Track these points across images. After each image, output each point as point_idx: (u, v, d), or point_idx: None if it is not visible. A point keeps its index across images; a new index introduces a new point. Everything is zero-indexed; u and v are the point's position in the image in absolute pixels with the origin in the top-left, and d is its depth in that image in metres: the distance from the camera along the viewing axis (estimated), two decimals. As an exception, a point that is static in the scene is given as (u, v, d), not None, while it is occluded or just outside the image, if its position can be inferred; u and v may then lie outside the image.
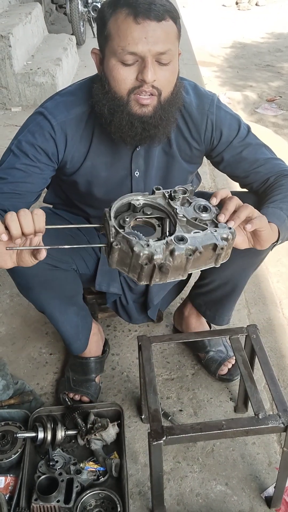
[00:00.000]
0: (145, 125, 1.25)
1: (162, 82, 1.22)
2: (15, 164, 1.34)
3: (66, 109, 1.35)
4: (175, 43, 1.23)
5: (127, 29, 1.16)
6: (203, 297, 1.76)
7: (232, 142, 1.43)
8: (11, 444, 1.51)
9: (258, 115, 4.93)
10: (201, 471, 1.53)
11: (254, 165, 1.46)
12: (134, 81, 1.21)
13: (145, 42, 1.16)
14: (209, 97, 1.42)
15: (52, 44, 4.91)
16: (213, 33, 7.68)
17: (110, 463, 1.49)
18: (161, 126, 1.27)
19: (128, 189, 1.47)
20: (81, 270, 1.57)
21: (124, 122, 1.25)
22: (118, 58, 1.19)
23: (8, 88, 4.16)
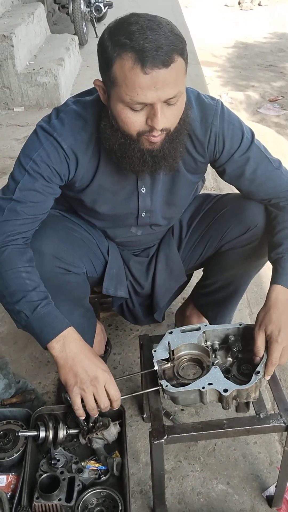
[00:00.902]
0: (155, 158, 1.24)
1: (171, 121, 1.20)
2: (33, 186, 1.32)
3: (74, 133, 1.32)
4: (183, 79, 1.18)
5: (135, 79, 1.10)
6: (205, 298, 1.76)
7: (234, 155, 1.39)
8: (13, 443, 1.52)
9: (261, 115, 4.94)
10: (202, 470, 1.53)
11: (255, 182, 1.44)
12: (143, 125, 1.18)
13: (154, 91, 1.11)
14: (212, 107, 1.36)
15: (54, 44, 4.92)
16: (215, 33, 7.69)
17: (111, 462, 1.49)
18: (170, 156, 1.26)
19: (135, 205, 1.47)
20: (89, 274, 1.57)
21: (135, 158, 1.24)
22: (126, 104, 1.16)
23: (10, 88, 4.17)
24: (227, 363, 1.29)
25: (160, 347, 1.31)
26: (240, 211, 1.51)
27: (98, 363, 1.29)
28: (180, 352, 1.32)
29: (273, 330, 1.25)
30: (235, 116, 1.42)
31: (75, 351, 1.26)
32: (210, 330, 1.34)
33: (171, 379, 1.24)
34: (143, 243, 1.67)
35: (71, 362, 1.25)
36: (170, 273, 1.67)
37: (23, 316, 1.27)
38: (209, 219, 1.60)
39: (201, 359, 1.31)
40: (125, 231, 1.58)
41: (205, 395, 1.20)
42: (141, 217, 1.51)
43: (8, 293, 1.28)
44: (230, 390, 1.18)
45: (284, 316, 1.26)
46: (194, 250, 1.65)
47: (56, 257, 1.41)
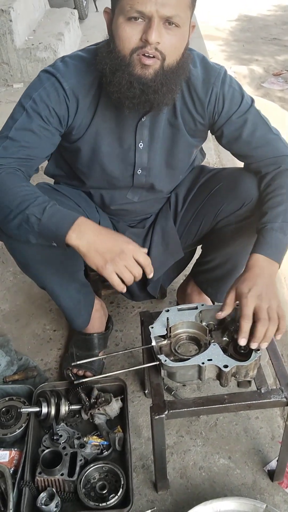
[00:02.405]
0: (145, 87, 1.22)
1: (167, 47, 1.20)
2: (29, 125, 1.32)
3: (77, 75, 1.33)
4: (187, 11, 1.20)
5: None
6: (205, 275, 1.75)
7: (232, 116, 1.40)
8: (15, 419, 1.53)
9: (265, 89, 4.85)
10: (204, 445, 1.54)
11: (251, 145, 1.42)
12: (138, 41, 1.18)
13: (153, 3, 1.14)
14: (216, 70, 1.38)
15: (54, 18, 4.81)
16: (218, 6, 7.52)
17: (113, 437, 1.50)
18: (161, 92, 1.24)
19: (132, 160, 1.45)
20: None
21: (124, 82, 1.22)
22: (125, 16, 1.17)
23: (9, 64, 4.09)
24: (223, 342, 1.28)
25: (157, 324, 1.30)
26: (235, 186, 1.48)
27: (119, 237, 1.29)
28: (177, 330, 1.31)
29: (243, 288, 1.21)
30: (237, 82, 1.43)
31: (93, 234, 1.24)
32: (206, 311, 1.33)
33: (168, 356, 1.23)
34: (139, 212, 1.65)
35: (93, 246, 1.23)
36: (166, 246, 1.65)
37: (34, 221, 1.24)
38: (204, 194, 1.58)
39: (198, 337, 1.30)
40: (121, 196, 1.55)
41: (204, 371, 1.20)
42: (137, 175, 1.49)
43: (15, 205, 1.26)
44: (231, 366, 1.18)
45: (261, 278, 1.22)
46: (190, 226, 1.63)
47: None
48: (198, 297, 1.83)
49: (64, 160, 1.55)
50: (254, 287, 1.20)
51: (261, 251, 1.27)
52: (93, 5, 6.32)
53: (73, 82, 1.33)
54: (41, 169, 1.54)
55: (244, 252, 1.59)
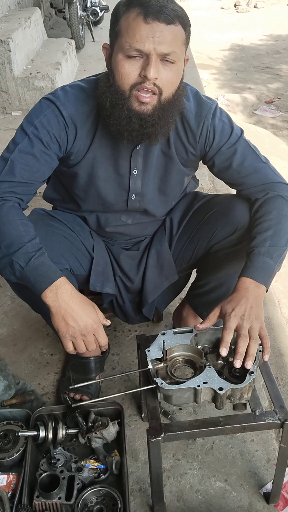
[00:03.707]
0: (143, 122, 1.30)
1: (164, 82, 1.27)
2: (31, 150, 1.39)
3: (76, 104, 1.40)
4: (182, 47, 1.28)
5: (136, 27, 1.21)
6: (200, 298, 1.78)
7: (222, 147, 1.47)
8: (13, 443, 1.53)
9: (257, 116, 4.97)
10: (200, 468, 1.55)
11: (241, 173, 1.49)
12: (137, 77, 1.26)
13: (151, 41, 1.21)
14: (208, 104, 1.46)
15: (51, 48, 4.94)
16: (212, 36, 7.72)
17: (110, 460, 1.51)
18: (158, 125, 1.32)
19: (126, 186, 1.51)
20: (76, 271, 1.59)
21: (123, 116, 1.30)
22: (124, 54, 1.24)
23: (8, 93, 4.19)
24: (218, 365, 1.31)
25: (153, 347, 1.33)
26: (227, 212, 1.54)
27: (89, 312, 1.33)
28: (173, 353, 1.33)
29: (227, 308, 1.27)
30: (227, 115, 1.51)
31: (66, 300, 1.29)
32: (202, 334, 1.36)
33: (164, 379, 1.25)
34: (133, 234, 1.70)
35: (63, 311, 1.29)
36: (160, 269, 1.69)
37: (17, 267, 1.29)
38: (198, 219, 1.63)
39: (194, 360, 1.33)
40: (115, 218, 1.61)
41: (200, 394, 1.22)
42: (131, 200, 1.54)
43: (4, 245, 1.31)
44: (226, 389, 1.20)
45: (245, 299, 1.27)
46: (185, 250, 1.68)
47: None
48: (193, 320, 1.86)
49: (61, 184, 1.61)
50: (238, 307, 1.26)
51: (248, 274, 1.32)
52: (89, 35, 6.49)
53: (72, 110, 1.40)
54: (39, 194, 1.58)
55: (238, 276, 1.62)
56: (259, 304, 1.29)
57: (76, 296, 1.32)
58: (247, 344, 1.22)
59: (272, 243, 1.35)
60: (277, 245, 1.36)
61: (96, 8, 6.46)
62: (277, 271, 1.37)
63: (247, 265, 1.34)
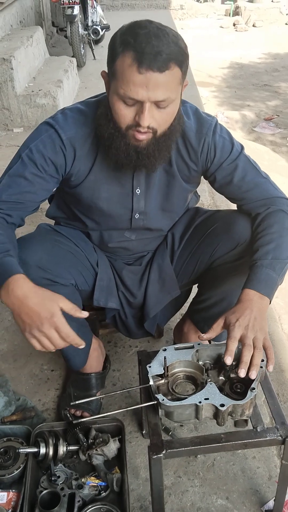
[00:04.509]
0: (139, 155, 1.33)
1: (159, 122, 1.29)
2: (22, 172, 1.41)
3: (75, 126, 1.42)
4: (177, 88, 1.28)
5: (130, 76, 1.21)
6: (201, 314, 1.78)
7: (223, 163, 1.49)
8: (13, 460, 1.53)
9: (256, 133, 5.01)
10: (202, 486, 1.54)
11: (242, 189, 1.50)
12: (132, 119, 1.28)
13: (145, 90, 1.21)
14: (208, 121, 1.47)
15: (53, 66, 5.01)
16: (211, 54, 7.82)
17: (111, 477, 1.50)
18: (154, 157, 1.35)
19: (129, 206, 1.53)
20: (81, 286, 1.60)
21: (121, 150, 1.34)
22: (119, 97, 1.26)
23: (10, 110, 4.24)
24: (220, 382, 1.31)
25: (154, 363, 1.33)
26: (229, 227, 1.55)
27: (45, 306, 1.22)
28: (174, 369, 1.33)
29: (231, 318, 1.27)
30: (227, 131, 1.52)
31: (20, 296, 1.23)
32: (203, 350, 1.36)
33: (165, 395, 1.25)
34: (136, 250, 1.71)
35: (17, 308, 1.23)
36: (162, 284, 1.70)
37: None
38: (200, 234, 1.65)
39: (195, 377, 1.33)
40: (119, 234, 1.63)
41: (201, 410, 1.22)
42: (134, 219, 1.56)
43: None
44: (227, 405, 1.20)
45: (249, 310, 1.27)
46: (187, 265, 1.69)
47: (41, 267, 1.45)
48: (194, 335, 1.86)
49: (65, 203, 1.62)
50: (242, 317, 1.26)
51: (251, 286, 1.33)
52: (91, 53, 6.57)
53: (70, 133, 1.42)
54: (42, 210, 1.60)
55: (240, 291, 1.63)
56: (263, 315, 1.29)
57: (30, 291, 1.24)
58: (251, 353, 1.22)
59: (275, 256, 1.37)
60: (279, 257, 1.37)
61: (97, 27, 6.56)
62: (280, 283, 1.39)
63: (250, 277, 1.35)
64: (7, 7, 5.10)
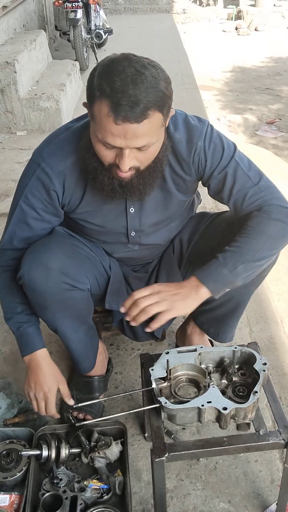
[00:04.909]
0: (124, 188, 1.34)
1: (140, 161, 1.28)
2: (25, 219, 1.48)
3: (63, 158, 1.41)
4: (158, 131, 1.25)
5: (107, 125, 1.18)
6: (206, 315, 1.78)
7: (214, 172, 1.46)
8: (15, 462, 1.53)
9: (258, 137, 5.02)
10: (204, 489, 1.54)
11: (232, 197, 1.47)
12: (113, 159, 1.26)
13: (123, 139, 1.19)
14: (198, 129, 1.42)
15: (56, 69, 5.02)
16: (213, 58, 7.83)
17: (113, 480, 1.50)
18: (139, 190, 1.35)
19: (124, 224, 1.54)
20: (93, 291, 1.61)
21: (105, 184, 1.34)
22: (99, 140, 1.24)
23: (13, 113, 4.25)
24: (222, 385, 1.31)
25: (157, 366, 1.33)
26: (237, 227, 1.54)
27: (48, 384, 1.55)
28: (177, 372, 1.34)
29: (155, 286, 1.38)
30: (218, 135, 1.46)
31: (35, 369, 1.56)
32: (205, 353, 1.36)
33: (168, 398, 1.26)
34: (141, 258, 1.72)
35: (30, 372, 1.57)
36: None
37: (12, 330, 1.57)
38: (207, 237, 1.65)
39: (198, 380, 1.33)
40: (122, 246, 1.63)
41: (204, 414, 1.22)
42: (131, 236, 1.57)
43: (5, 308, 1.57)
44: (229, 409, 1.20)
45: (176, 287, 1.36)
46: (194, 268, 1.68)
47: (63, 272, 1.46)
48: (198, 337, 1.86)
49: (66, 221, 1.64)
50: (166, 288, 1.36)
51: (197, 273, 1.38)
52: (93, 57, 6.59)
53: (58, 167, 1.41)
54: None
55: (247, 290, 1.63)
56: (186, 300, 1.35)
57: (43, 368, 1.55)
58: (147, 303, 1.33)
59: (233, 255, 1.38)
60: (238, 257, 1.38)
61: (100, 31, 6.58)
62: (236, 282, 1.39)
63: (203, 267, 1.39)
64: (11, 11, 5.13)
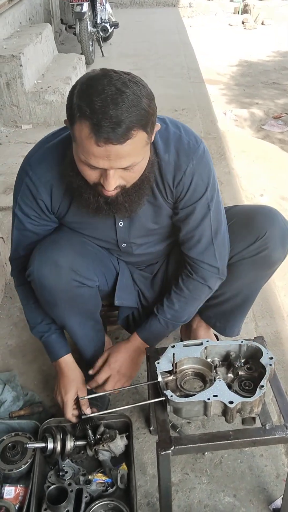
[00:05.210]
0: (110, 205, 1.32)
1: (126, 180, 1.25)
2: (24, 227, 1.51)
3: (50, 168, 1.40)
4: (142, 150, 1.21)
5: (89, 147, 1.14)
6: (213, 310, 1.77)
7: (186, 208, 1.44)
8: (21, 455, 1.53)
9: (265, 131, 4.99)
10: (209, 483, 1.54)
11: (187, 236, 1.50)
12: (98, 179, 1.24)
13: (106, 161, 1.16)
14: (189, 157, 1.37)
15: (62, 63, 5.00)
16: (219, 52, 7.78)
17: (115, 474, 1.50)
18: (125, 207, 1.33)
19: (114, 237, 1.54)
20: (101, 287, 1.61)
21: (91, 201, 1.32)
22: (82, 161, 1.21)
23: (19, 106, 4.24)
24: (228, 379, 1.31)
25: (163, 359, 1.33)
26: (248, 221, 1.53)
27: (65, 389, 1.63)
28: (182, 366, 1.33)
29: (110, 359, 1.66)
30: (208, 168, 1.42)
31: (58, 373, 1.67)
32: (212, 347, 1.36)
33: (174, 391, 1.25)
34: (143, 262, 1.72)
35: (57, 380, 1.68)
36: None
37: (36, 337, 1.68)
38: None
39: (204, 373, 1.32)
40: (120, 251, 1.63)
41: (210, 407, 1.22)
42: (122, 247, 1.58)
43: (27, 319, 1.69)
44: (236, 402, 1.20)
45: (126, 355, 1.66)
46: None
47: (73, 270, 1.46)
48: (204, 332, 1.85)
49: None
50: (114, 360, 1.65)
51: (141, 333, 1.65)
52: (99, 51, 6.57)
53: (45, 177, 1.41)
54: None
55: (255, 285, 1.62)
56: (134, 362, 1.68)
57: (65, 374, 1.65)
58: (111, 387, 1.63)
59: (173, 318, 1.61)
60: (177, 320, 1.63)
61: (106, 25, 6.55)
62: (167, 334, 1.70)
63: (144, 326, 1.64)
64: (16, 4, 5.10)
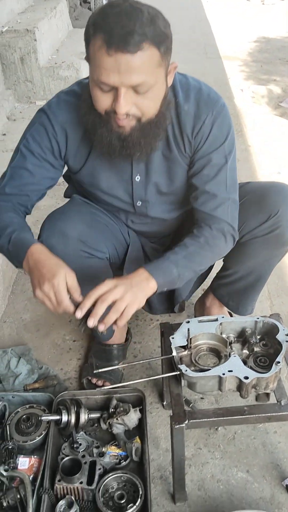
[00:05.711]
0: (123, 142, 1.27)
1: (141, 109, 1.22)
2: (22, 163, 1.42)
3: (68, 111, 1.38)
4: (156, 71, 1.18)
5: (100, 59, 1.13)
6: (226, 288, 1.76)
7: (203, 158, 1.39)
8: (35, 427, 1.55)
9: (283, 109, 4.89)
10: (222, 458, 1.54)
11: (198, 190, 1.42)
12: (110, 106, 1.21)
13: (117, 74, 1.13)
14: (209, 107, 1.35)
15: (76, 38, 4.93)
16: (237, 28, 7.62)
17: (130, 447, 1.50)
18: (139, 145, 1.28)
19: (130, 193, 1.50)
20: (112, 259, 1.60)
21: (104, 138, 1.28)
22: (95, 83, 1.19)
23: (33, 82, 4.19)
24: (243, 355, 1.30)
25: (178, 334, 1.32)
26: (260, 199, 1.50)
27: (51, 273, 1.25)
28: (197, 341, 1.32)
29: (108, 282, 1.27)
30: (228, 122, 1.39)
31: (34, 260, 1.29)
32: (227, 323, 1.34)
33: (188, 366, 1.25)
34: (155, 232, 1.68)
35: (31, 272, 1.29)
36: None
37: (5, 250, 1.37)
38: None
39: (219, 349, 1.32)
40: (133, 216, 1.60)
41: (224, 382, 1.21)
42: (137, 206, 1.54)
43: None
44: (251, 378, 1.19)
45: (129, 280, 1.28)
46: None
47: (81, 240, 1.44)
48: (217, 310, 1.84)
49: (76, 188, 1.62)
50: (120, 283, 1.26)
51: (147, 267, 1.33)
52: (114, 26, 6.46)
53: (62, 117, 1.38)
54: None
55: (268, 264, 1.60)
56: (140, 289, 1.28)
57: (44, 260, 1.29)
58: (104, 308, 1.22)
59: (185, 261, 1.37)
60: (187, 266, 1.38)
61: (121, -1, 6.42)
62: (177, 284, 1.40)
63: (152, 262, 1.37)
64: (31, -22, 5.03)
